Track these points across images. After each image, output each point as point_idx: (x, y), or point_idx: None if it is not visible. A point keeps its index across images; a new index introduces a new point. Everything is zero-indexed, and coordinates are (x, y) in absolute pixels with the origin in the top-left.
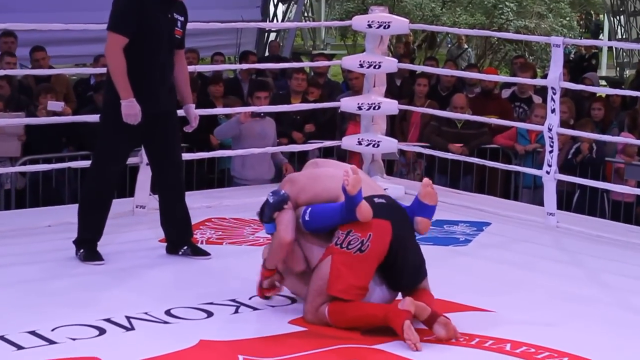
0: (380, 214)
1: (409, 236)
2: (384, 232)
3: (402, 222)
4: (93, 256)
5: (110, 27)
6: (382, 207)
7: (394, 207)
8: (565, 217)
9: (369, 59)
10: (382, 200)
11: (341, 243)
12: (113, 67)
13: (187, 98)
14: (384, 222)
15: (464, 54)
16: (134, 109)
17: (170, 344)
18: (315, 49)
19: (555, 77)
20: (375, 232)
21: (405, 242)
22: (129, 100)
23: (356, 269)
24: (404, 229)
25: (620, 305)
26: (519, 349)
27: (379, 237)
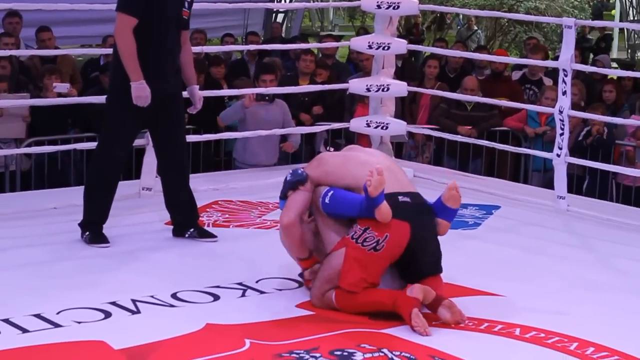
0: (401, 214)
1: (428, 237)
2: (402, 234)
3: (423, 223)
4: (99, 239)
5: (120, 8)
6: (405, 207)
7: (418, 207)
8: (575, 200)
9: (378, 40)
10: (406, 199)
11: (357, 238)
12: (123, 49)
13: (192, 79)
14: (403, 223)
15: (474, 35)
16: (145, 91)
17: (177, 327)
18: (323, 30)
19: (567, 59)
20: (393, 234)
21: (423, 244)
22: (139, 82)
23: (368, 266)
24: (424, 229)
25: (631, 290)
26: (528, 334)
27: (396, 238)
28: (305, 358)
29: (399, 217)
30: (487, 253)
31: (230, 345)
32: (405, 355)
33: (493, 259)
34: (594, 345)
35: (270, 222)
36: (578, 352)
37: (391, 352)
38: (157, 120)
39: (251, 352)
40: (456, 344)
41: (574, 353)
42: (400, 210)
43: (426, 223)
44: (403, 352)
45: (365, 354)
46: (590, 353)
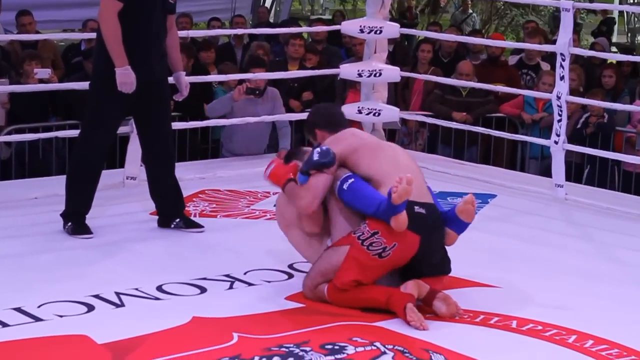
0: (414, 226)
1: (435, 249)
2: (410, 246)
3: (433, 237)
4: (81, 229)
5: None
6: (419, 219)
7: (431, 219)
8: (574, 189)
9: (369, 24)
10: (422, 210)
11: (364, 240)
12: (107, 34)
13: (178, 65)
14: (414, 236)
15: (469, 19)
16: (130, 77)
17: (162, 321)
18: (313, 13)
19: (565, 43)
20: (401, 244)
21: (429, 256)
22: (124, 68)
23: (368, 270)
24: (433, 243)
25: (631, 281)
26: (525, 326)
27: (403, 249)
28: (295, 352)
29: (412, 229)
30: (482, 243)
31: (218, 339)
32: (398, 349)
33: (489, 249)
34: (593, 337)
35: (259, 212)
36: (577, 345)
37: (384, 345)
38: (142, 106)
39: (239, 346)
40: (451, 337)
41: (572, 346)
42: (414, 221)
43: (436, 237)
44: (396, 345)
45: (357, 347)
46: (589, 346)
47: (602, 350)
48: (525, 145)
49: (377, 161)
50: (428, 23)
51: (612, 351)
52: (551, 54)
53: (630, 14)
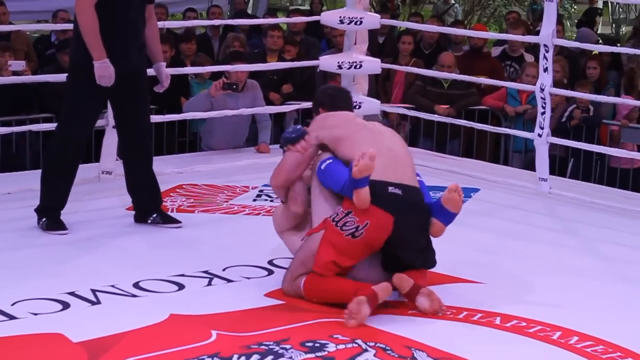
0: (387, 205)
1: (414, 235)
2: (383, 226)
3: (409, 220)
4: (56, 225)
5: None
6: (393, 199)
7: (408, 202)
8: (558, 182)
9: (349, 15)
10: (397, 191)
11: (338, 221)
12: (85, 26)
13: (158, 56)
14: (387, 215)
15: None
16: (108, 70)
17: (139, 318)
18: (292, 4)
19: (548, 34)
20: (373, 223)
21: (407, 241)
22: (102, 61)
23: (344, 252)
24: (409, 226)
25: (615, 276)
26: (509, 323)
27: (376, 228)
28: (274, 350)
29: (385, 207)
30: (465, 238)
31: (196, 336)
32: (379, 346)
33: (472, 244)
34: (578, 334)
35: (238, 207)
36: (561, 341)
37: (365, 342)
38: (121, 99)
39: (218, 344)
40: (433, 334)
41: (557, 342)
42: (387, 201)
43: (413, 220)
44: (378, 342)
45: (338, 345)
46: (574, 342)
47: (587, 347)
48: (508, 139)
49: (359, 146)
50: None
51: (597, 347)
52: (535, 45)
53: (615, 5)
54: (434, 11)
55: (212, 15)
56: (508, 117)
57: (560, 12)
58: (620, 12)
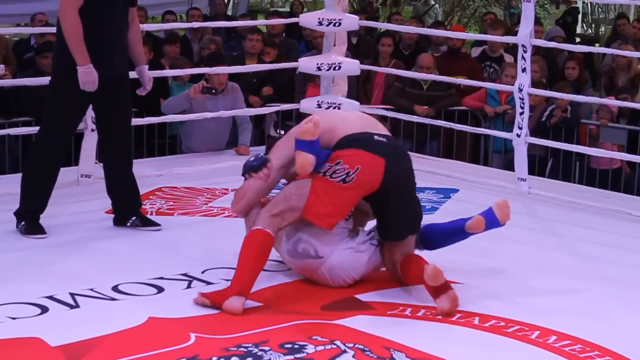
0: (376, 149)
1: (404, 180)
2: (375, 168)
3: (399, 163)
4: (35, 229)
5: None
6: (381, 144)
7: (395, 148)
8: (537, 182)
9: (328, 16)
10: (382, 139)
11: (326, 171)
12: (69, 31)
13: (141, 59)
14: (377, 157)
15: (431, 10)
16: (92, 75)
17: (117, 322)
18: (273, 6)
19: (526, 34)
20: (365, 166)
21: (399, 186)
22: (86, 66)
23: (335, 197)
24: (399, 169)
25: (594, 275)
26: (487, 323)
27: (368, 171)
28: (254, 352)
29: (374, 151)
30: None
31: (175, 339)
32: (358, 347)
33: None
34: (556, 333)
35: (217, 210)
36: (539, 340)
37: (344, 344)
38: (103, 102)
39: (196, 346)
40: (412, 335)
41: (535, 342)
42: (375, 146)
43: (403, 165)
44: (356, 343)
45: (317, 346)
46: (552, 342)
47: (566, 346)
48: (488, 139)
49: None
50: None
51: (576, 347)
52: (514, 46)
53: (594, 5)
54: (414, 12)
55: (191, 18)
56: (487, 118)
57: (538, 13)
58: (600, 12)
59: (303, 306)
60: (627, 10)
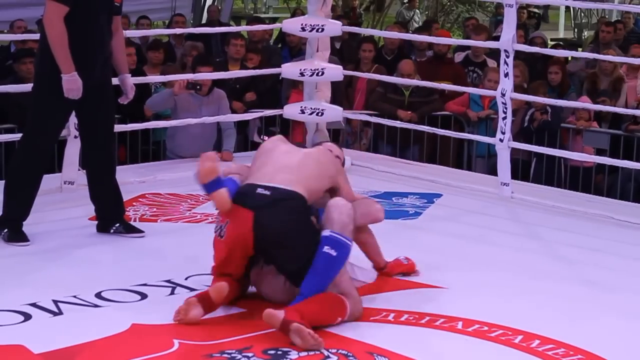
0: (248, 203)
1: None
2: (242, 222)
3: (273, 215)
4: (18, 236)
5: None
6: (256, 198)
7: (274, 198)
8: (520, 187)
9: (311, 22)
10: (266, 192)
11: (215, 225)
12: (53, 39)
13: (123, 67)
14: (245, 211)
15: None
16: (76, 83)
17: (101, 328)
18: (256, 12)
19: (509, 39)
20: (232, 220)
21: (276, 237)
22: (70, 74)
23: (219, 252)
24: (274, 221)
25: (577, 279)
26: (471, 327)
27: (235, 225)
28: (237, 358)
29: (244, 205)
30: (428, 243)
31: (158, 346)
32: (342, 353)
33: (434, 249)
34: (540, 337)
35: (201, 216)
36: (523, 345)
37: (327, 350)
38: (86, 109)
39: (180, 353)
40: (396, 340)
41: (518, 346)
42: (249, 199)
43: (276, 215)
44: (340, 349)
45: (301, 352)
46: (535, 346)
47: (549, 350)
48: (471, 144)
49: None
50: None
51: (559, 350)
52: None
53: (576, 10)
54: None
55: (175, 25)
56: (471, 123)
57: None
58: (582, 16)
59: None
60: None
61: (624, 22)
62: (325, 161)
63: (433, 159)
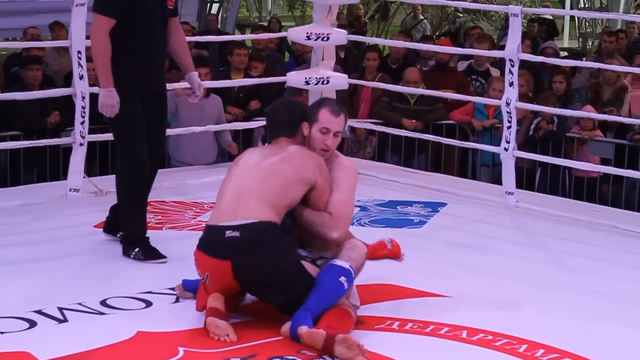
0: (222, 253)
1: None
2: (222, 273)
3: (250, 259)
4: (154, 253)
5: (95, 9)
6: (229, 244)
7: (247, 242)
8: (524, 196)
9: (316, 31)
10: (235, 233)
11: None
12: (96, 52)
13: (189, 66)
14: (222, 263)
15: (419, 25)
16: (112, 99)
17: (106, 336)
18: (261, 20)
19: (514, 49)
20: (212, 273)
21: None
22: (108, 89)
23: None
24: (252, 266)
25: (582, 289)
26: (475, 336)
27: (217, 277)
28: None
29: (219, 257)
30: (432, 252)
31: (163, 353)
32: None
33: (439, 258)
34: (544, 347)
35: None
36: (527, 354)
37: (332, 358)
38: (147, 118)
39: None
40: (400, 349)
41: (523, 355)
42: (221, 248)
43: (255, 258)
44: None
45: None
46: (540, 355)
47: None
48: (476, 153)
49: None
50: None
51: None
52: (500, 60)
53: (581, 19)
54: (402, 26)
55: None
56: (475, 132)
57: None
58: (587, 26)
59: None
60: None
61: (627, 32)
62: (302, 165)
63: (438, 168)
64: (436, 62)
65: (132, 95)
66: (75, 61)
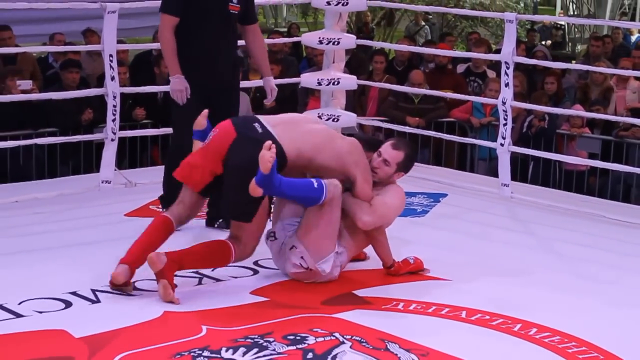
0: (238, 125)
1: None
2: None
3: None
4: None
5: (161, 9)
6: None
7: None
8: (519, 187)
9: (328, 36)
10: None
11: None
12: (162, 46)
13: (265, 71)
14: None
15: (422, 30)
16: (181, 84)
17: (135, 315)
18: (277, 26)
19: (509, 52)
20: (220, 131)
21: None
22: (176, 76)
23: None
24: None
25: (571, 272)
26: (474, 316)
27: (220, 135)
28: (259, 342)
29: (235, 125)
30: (434, 239)
31: (188, 331)
32: (356, 339)
33: (440, 244)
34: (537, 326)
35: None
36: (521, 332)
37: (342, 336)
38: (215, 111)
39: (208, 337)
40: (405, 327)
41: (517, 334)
42: (243, 124)
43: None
44: (354, 335)
45: (318, 338)
46: (533, 333)
47: (545, 338)
48: (474, 148)
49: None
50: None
51: (554, 338)
52: (496, 62)
53: (571, 25)
54: (405, 32)
55: None
56: (473, 128)
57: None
58: (576, 31)
59: (305, 301)
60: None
61: (613, 37)
62: (346, 151)
63: (439, 162)
64: (435, 64)
65: (192, 88)
66: (107, 63)
